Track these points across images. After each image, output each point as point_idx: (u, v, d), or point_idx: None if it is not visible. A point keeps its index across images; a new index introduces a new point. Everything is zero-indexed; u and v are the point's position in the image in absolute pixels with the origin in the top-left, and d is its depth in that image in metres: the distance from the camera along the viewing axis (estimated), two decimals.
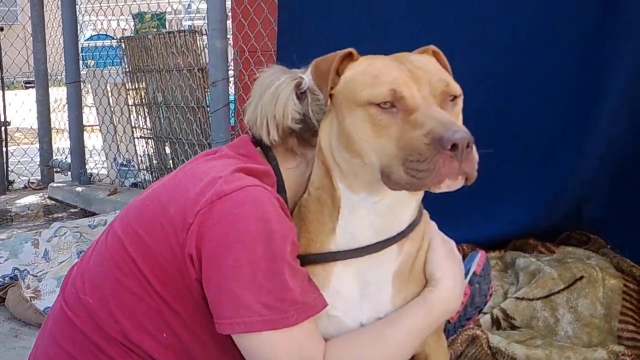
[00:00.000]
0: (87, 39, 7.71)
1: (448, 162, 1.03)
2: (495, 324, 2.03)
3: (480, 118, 2.27)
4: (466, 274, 1.98)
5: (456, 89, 1.18)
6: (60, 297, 1.41)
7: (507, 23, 2.39)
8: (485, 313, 2.06)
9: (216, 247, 1.20)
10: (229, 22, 3.83)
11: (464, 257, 2.21)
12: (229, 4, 3.78)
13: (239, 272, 1.18)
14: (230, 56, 3.85)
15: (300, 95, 1.33)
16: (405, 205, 1.26)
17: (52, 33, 5.55)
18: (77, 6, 4.96)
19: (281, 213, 1.24)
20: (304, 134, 1.34)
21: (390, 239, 1.26)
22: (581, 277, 2.09)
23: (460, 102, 1.20)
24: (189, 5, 8.76)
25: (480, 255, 1.97)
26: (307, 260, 1.28)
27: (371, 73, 1.16)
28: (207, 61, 3.85)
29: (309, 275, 1.27)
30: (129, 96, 4.67)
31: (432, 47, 1.31)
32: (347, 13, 2.71)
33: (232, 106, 3.92)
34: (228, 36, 3.80)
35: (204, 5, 4.18)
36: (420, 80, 1.14)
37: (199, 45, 4.13)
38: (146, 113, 4.59)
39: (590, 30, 2.28)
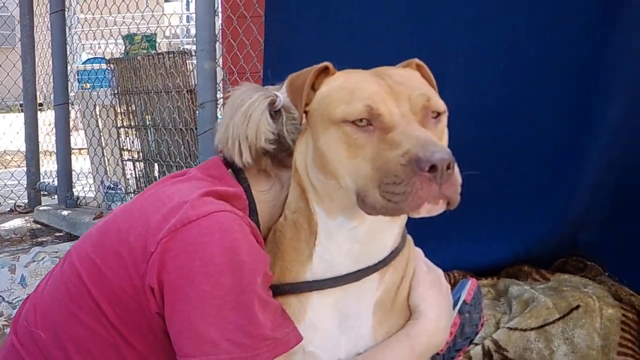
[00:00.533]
0: (84, 62, 7.67)
1: (427, 184, 0.94)
2: (487, 355, 1.92)
3: (475, 143, 2.25)
4: (456, 303, 1.88)
5: (439, 104, 1.09)
6: (12, 330, 1.31)
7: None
8: (476, 344, 1.96)
9: (179, 279, 1.11)
10: (218, 43, 3.77)
11: (454, 285, 2.12)
12: (218, 25, 3.73)
13: (203, 306, 1.09)
14: (219, 77, 3.80)
15: (275, 113, 1.26)
16: (386, 231, 1.17)
17: (42, 55, 5.50)
18: (71, 29, 4.92)
19: (252, 241, 1.15)
20: (279, 154, 1.27)
21: (371, 267, 1.17)
22: (577, 307, 1.99)
23: (444, 119, 1.11)
24: (189, 29, 8.76)
25: (470, 283, 1.87)
26: (281, 290, 1.19)
27: (347, 88, 1.08)
28: (196, 82, 3.79)
29: (283, 307, 1.18)
30: (117, 118, 4.60)
31: (416, 60, 1.23)
32: (334, 30, 2.64)
33: None
34: (217, 57, 3.75)
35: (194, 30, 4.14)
36: (399, 95, 1.05)
37: (188, 66, 4.07)
38: (135, 135, 4.52)
39: (586, 54, 2.21)
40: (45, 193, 5.13)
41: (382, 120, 1.02)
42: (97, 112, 4.69)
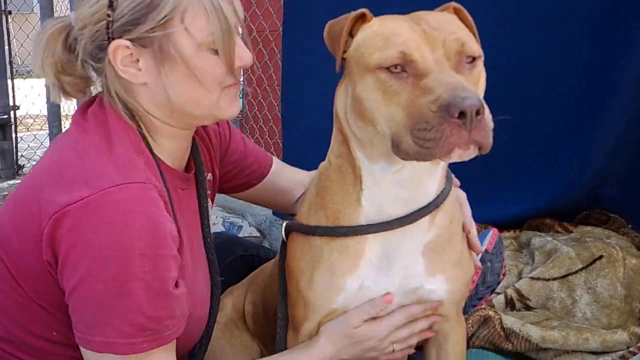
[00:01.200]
0: None
1: (456, 130, 0.96)
2: (509, 304, 1.94)
3: (495, 103, 2.22)
4: None
5: (474, 49, 1.09)
6: None
7: (517, 12, 2.29)
8: (499, 293, 1.97)
9: (67, 258, 1.09)
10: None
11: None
12: None
13: (89, 288, 1.09)
14: None
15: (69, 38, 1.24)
16: (429, 174, 1.19)
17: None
18: None
19: (156, 223, 1.11)
20: (90, 60, 1.24)
21: (421, 209, 1.20)
22: (600, 257, 1.99)
23: (480, 64, 1.12)
24: None
25: (492, 233, 1.88)
26: (337, 232, 1.23)
27: (382, 35, 1.09)
28: None
29: (185, 298, 1.19)
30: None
31: (454, 3, 1.22)
32: None
33: (240, 88, 3.86)
34: None
35: None
36: (434, 41, 1.06)
37: None
38: None
39: (603, 14, 2.17)
40: None
41: (416, 66, 1.03)
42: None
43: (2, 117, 4.83)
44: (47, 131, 5.25)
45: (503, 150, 2.07)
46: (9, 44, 4.97)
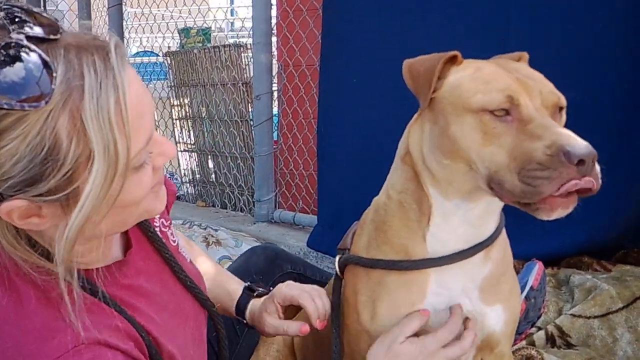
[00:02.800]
0: (133, 55, 7.88)
1: (572, 174, 0.99)
2: (550, 340, 1.95)
3: None
4: (522, 287, 1.91)
5: (564, 100, 1.14)
6: None
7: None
8: (540, 328, 1.98)
9: None
10: (274, 36, 3.84)
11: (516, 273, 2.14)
12: (274, 18, 3.80)
13: None
14: (275, 70, 3.87)
15: None
16: (493, 213, 1.23)
17: None
18: (124, 22, 5.05)
19: None
20: None
21: (480, 244, 1.23)
22: None
23: (564, 114, 1.16)
24: (233, 23, 8.89)
25: (537, 268, 1.90)
26: (401, 266, 1.25)
27: (482, 79, 1.12)
28: (252, 75, 3.88)
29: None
30: (173, 110, 4.72)
31: (525, 54, 1.27)
32: (392, 22, 2.68)
33: (275, 120, 3.93)
34: (273, 50, 3.83)
35: (248, 24, 4.22)
36: (531, 90, 1.10)
37: (243, 59, 4.16)
38: (190, 127, 4.63)
39: None
40: None
41: (520, 111, 1.07)
42: (154, 105, 4.81)
43: None
44: None
45: None
46: None
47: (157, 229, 1.32)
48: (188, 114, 4.61)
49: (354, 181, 2.99)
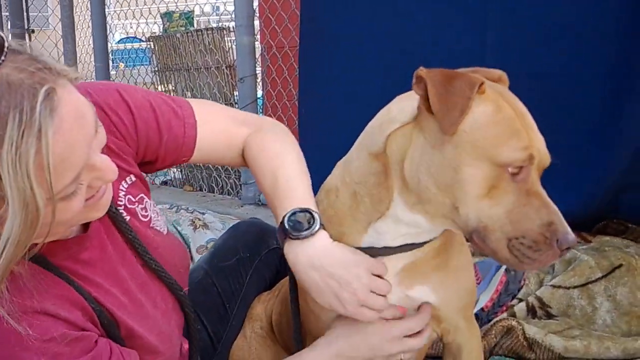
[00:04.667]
0: (117, 42, 7.82)
1: (552, 257, 1.05)
2: (531, 312, 1.98)
3: None
4: None
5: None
6: None
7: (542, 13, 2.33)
8: (521, 300, 2.02)
9: None
10: (257, 19, 3.83)
11: None
12: (255, 0, 3.79)
13: None
14: (258, 53, 3.87)
15: None
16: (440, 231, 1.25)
17: (82, 34, 5.62)
18: (106, 7, 5.02)
19: None
20: None
21: (413, 244, 1.24)
22: (620, 265, 2.03)
23: None
24: (218, 8, 8.83)
25: None
26: None
27: (506, 128, 1.06)
28: (235, 58, 3.87)
29: None
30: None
31: (504, 75, 1.22)
32: (372, 4, 2.68)
33: (259, 102, 3.94)
34: (255, 33, 3.82)
35: (230, 7, 4.20)
36: (537, 149, 1.08)
37: (226, 42, 4.15)
38: None
39: (626, 14, 2.21)
40: None
41: (530, 173, 1.06)
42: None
43: None
44: None
45: None
46: None
47: (122, 208, 1.30)
48: None
49: (334, 163, 3.01)
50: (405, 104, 1.17)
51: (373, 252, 1.23)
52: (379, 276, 1.22)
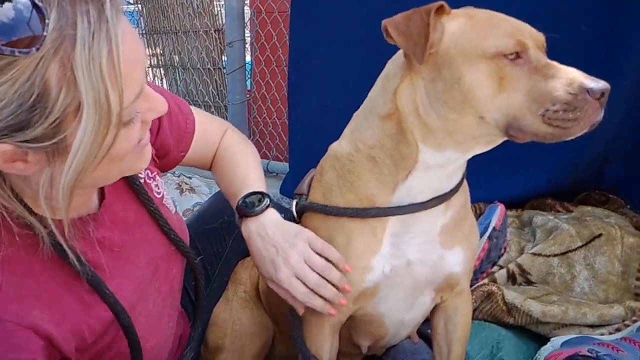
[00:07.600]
0: None
1: (595, 109, 1.05)
2: (511, 278, 2.02)
3: None
4: (485, 228, 1.98)
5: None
6: None
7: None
8: (501, 267, 2.05)
9: None
10: None
11: (479, 215, 2.21)
12: None
13: None
14: (247, 17, 3.83)
15: None
16: (464, 166, 1.27)
17: None
18: None
19: None
20: None
21: (445, 194, 1.26)
22: (599, 235, 2.06)
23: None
24: None
25: (500, 209, 1.96)
26: (368, 213, 1.26)
27: (484, 25, 1.12)
28: (224, 22, 3.84)
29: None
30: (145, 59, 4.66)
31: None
32: None
33: (248, 67, 3.91)
34: None
35: None
36: (525, 33, 1.12)
37: (215, 6, 4.11)
38: (163, 75, 4.59)
39: None
40: None
41: (529, 54, 1.09)
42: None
43: None
44: None
45: None
46: None
47: (142, 181, 1.33)
48: (160, 62, 4.56)
49: (324, 129, 2.98)
50: (396, 61, 1.23)
51: (405, 209, 1.24)
52: (320, 255, 1.28)
